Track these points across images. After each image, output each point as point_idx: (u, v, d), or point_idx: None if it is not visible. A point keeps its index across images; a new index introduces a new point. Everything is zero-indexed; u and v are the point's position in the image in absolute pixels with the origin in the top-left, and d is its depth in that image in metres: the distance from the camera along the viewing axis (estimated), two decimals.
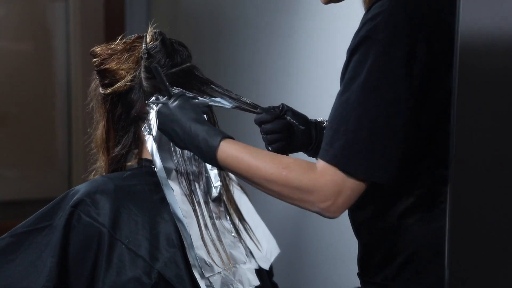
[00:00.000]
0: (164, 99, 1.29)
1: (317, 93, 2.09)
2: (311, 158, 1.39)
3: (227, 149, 1.15)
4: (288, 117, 1.32)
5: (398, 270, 1.13)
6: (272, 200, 2.10)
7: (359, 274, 1.22)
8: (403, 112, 1.04)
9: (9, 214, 3.36)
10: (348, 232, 1.33)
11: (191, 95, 1.35)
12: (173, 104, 1.25)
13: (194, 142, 1.19)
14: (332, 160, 1.05)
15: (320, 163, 1.06)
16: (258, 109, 1.33)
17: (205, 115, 1.34)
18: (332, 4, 1.21)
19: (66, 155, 3.49)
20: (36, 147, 3.46)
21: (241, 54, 2.54)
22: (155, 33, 1.41)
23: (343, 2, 1.20)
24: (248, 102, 1.35)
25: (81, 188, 1.35)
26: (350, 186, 1.05)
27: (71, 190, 1.37)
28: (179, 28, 2.99)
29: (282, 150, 1.31)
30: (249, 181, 1.14)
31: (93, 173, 1.48)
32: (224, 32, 2.69)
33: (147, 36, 1.41)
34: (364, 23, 1.07)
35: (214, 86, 1.38)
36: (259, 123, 1.32)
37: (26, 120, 3.44)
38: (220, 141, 1.16)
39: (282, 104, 1.34)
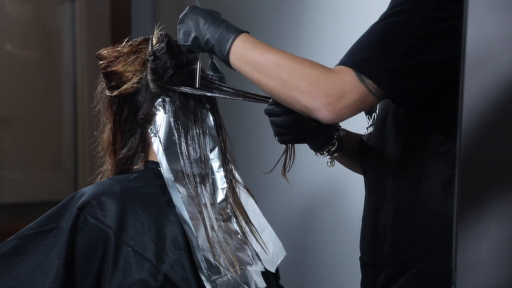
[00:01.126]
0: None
1: None
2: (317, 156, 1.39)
3: (249, 37, 1.17)
4: None
5: (426, 245, 1.13)
6: (279, 203, 2.11)
7: (367, 263, 1.22)
8: (436, 49, 1.06)
9: (15, 216, 3.37)
10: (355, 234, 1.32)
11: (198, 93, 1.36)
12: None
13: (216, 27, 1.20)
14: (348, 62, 1.07)
15: (337, 66, 1.09)
16: (270, 100, 1.33)
17: (210, 119, 1.35)
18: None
19: (72, 157, 3.50)
20: (43, 150, 3.47)
21: None
22: (161, 35, 1.42)
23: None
24: (255, 93, 1.36)
25: (87, 190, 1.35)
26: (358, 91, 1.05)
27: (78, 192, 1.37)
28: None
29: (288, 142, 1.32)
30: (259, 68, 1.14)
31: (99, 176, 1.48)
32: None
33: (153, 38, 1.41)
34: None
35: (221, 85, 1.39)
36: (268, 114, 1.32)
37: (33, 123, 3.45)
38: (242, 32, 1.18)
39: None
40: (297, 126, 1.30)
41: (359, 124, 1.42)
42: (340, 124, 1.39)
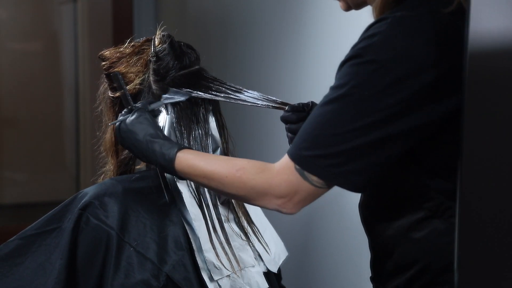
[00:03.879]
0: (124, 112, 1.33)
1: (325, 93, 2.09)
2: None
3: (183, 160, 1.19)
4: None
5: (410, 281, 1.12)
6: None
7: (372, 279, 1.21)
8: (379, 131, 1.02)
9: (17, 216, 3.38)
10: (358, 235, 1.32)
11: (202, 95, 1.36)
12: (130, 119, 1.29)
13: (152, 158, 1.24)
14: (293, 157, 1.06)
15: (282, 159, 1.08)
16: (287, 107, 1.32)
17: (212, 119, 1.35)
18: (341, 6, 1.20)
19: (74, 158, 3.51)
20: (45, 150, 3.48)
21: (249, 57, 2.55)
22: (163, 36, 1.42)
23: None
24: (273, 99, 1.35)
25: (89, 191, 1.35)
26: (306, 189, 1.06)
27: (80, 193, 1.37)
28: (187, 31, 3.00)
29: None
30: (208, 187, 1.18)
31: (102, 177, 1.48)
32: (232, 34, 2.69)
33: (156, 39, 1.41)
34: (362, 39, 1.05)
35: (224, 86, 1.38)
36: (285, 122, 1.32)
37: (35, 124, 3.46)
38: (176, 152, 1.20)
39: (312, 102, 1.33)
40: None
41: None
42: None
